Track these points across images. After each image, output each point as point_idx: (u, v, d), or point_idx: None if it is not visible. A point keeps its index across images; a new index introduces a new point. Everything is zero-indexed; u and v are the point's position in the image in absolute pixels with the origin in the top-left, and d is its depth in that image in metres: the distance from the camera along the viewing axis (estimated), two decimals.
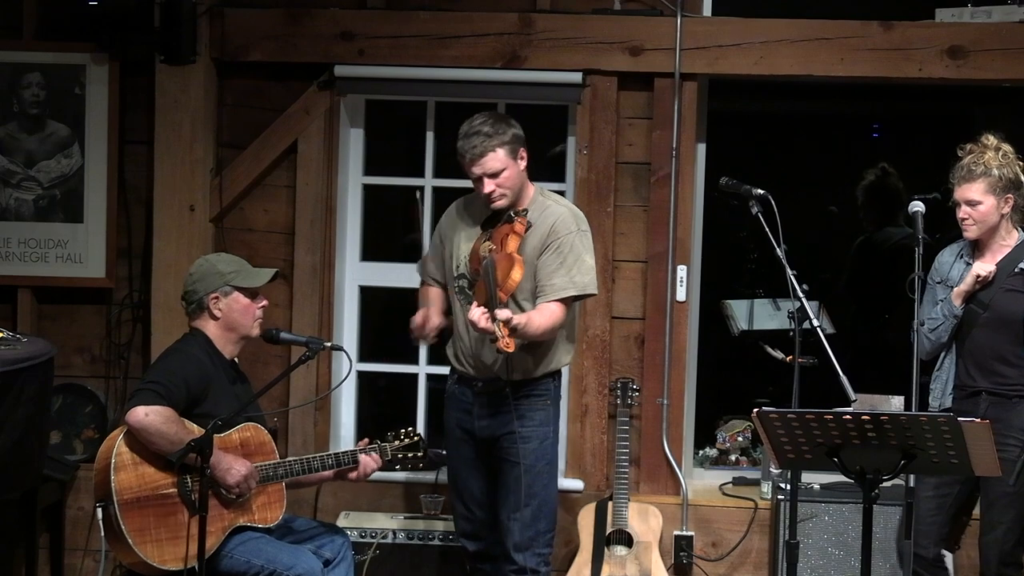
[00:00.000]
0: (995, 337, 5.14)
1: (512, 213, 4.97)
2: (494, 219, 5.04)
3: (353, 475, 5.11)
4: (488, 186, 4.95)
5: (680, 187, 5.94)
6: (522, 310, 4.94)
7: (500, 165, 4.94)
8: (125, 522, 4.69)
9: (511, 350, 4.68)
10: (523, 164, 5.03)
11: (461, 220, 5.19)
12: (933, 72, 5.82)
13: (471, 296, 5.02)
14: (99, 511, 4.74)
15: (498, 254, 4.84)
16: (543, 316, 4.90)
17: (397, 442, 5.16)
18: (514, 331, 4.67)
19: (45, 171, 6.14)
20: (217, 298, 4.99)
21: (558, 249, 4.98)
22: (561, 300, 4.97)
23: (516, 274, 4.82)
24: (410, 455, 5.15)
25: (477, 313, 4.70)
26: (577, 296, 5.05)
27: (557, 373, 5.17)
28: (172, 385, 4.77)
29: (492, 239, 4.95)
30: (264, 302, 5.09)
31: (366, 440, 5.18)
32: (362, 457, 5.07)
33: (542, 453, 5.10)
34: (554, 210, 5.07)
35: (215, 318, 5.00)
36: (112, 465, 4.71)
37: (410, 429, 5.19)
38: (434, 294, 5.28)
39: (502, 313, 4.66)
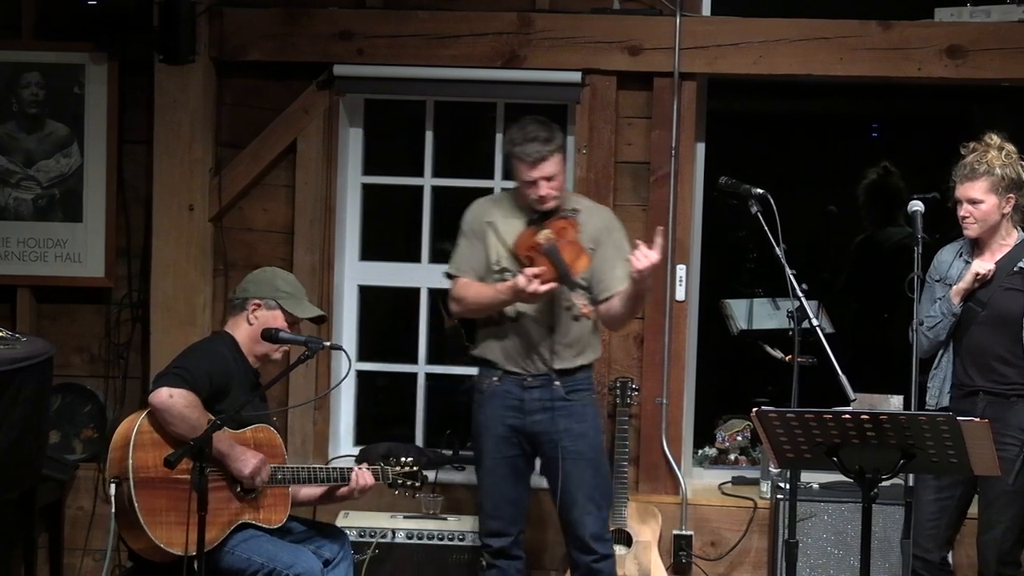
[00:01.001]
0: (993, 336, 5.14)
1: (571, 210, 5.21)
2: (539, 217, 5.19)
3: (344, 491, 5.15)
4: (544, 188, 5.14)
5: (679, 187, 5.94)
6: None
7: (556, 169, 5.16)
8: (138, 500, 4.70)
9: (592, 317, 5.17)
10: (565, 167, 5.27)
11: (493, 218, 5.29)
12: (932, 72, 5.82)
13: None
14: (112, 487, 4.77)
15: (560, 241, 5.08)
16: (621, 298, 5.16)
17: (399, 468, 5.22)
18: (595, 303, 5.09)
19: (44, 170, 6.14)
20: (259, 306, 5.04)
21: (615, 244, 5.25)
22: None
23: (585, 260, 5.10)
24: (408, 482, 5.22)
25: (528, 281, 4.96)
26: None
27: (591, 365, 5.36)
28: (197, 373, 4.81)
29: (549, 229, 5.13)
30: (298, 333, 5.09)
31: (365, 465, 5.23)
32: (354, 472, 5.10)
33: (596, 444, 5.33)
34: (595, 208, 5.38)
35: (249, 324, 5.04)
36: (132, 442, 4.73)
37: (411, 460, 5.25)
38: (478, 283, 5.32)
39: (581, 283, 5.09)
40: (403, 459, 5.25)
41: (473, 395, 5.39)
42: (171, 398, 4.72)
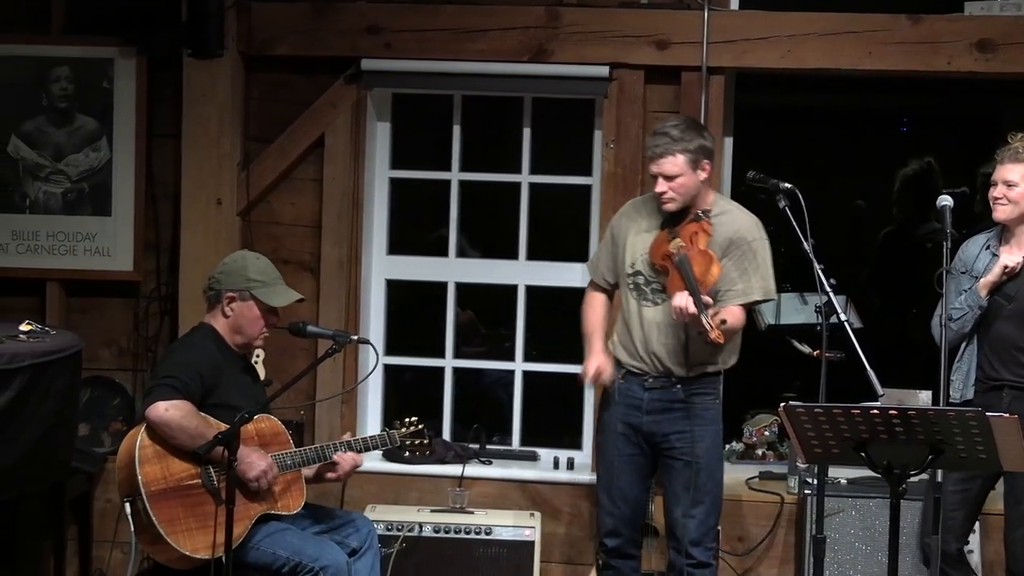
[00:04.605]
0: (1019, 329, 5.11)
1: (700, 212, 5.08)
2: (675, 219, 5.10)
3: (332, 475, 5.10)
4: (660, 186, 5.04)
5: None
6: None
7: (676, 170, 5.02)
8: (156, 514, 4.70)
9: (722, 342, 4.83)
10: (703, 176, 5.08)
11: (633, 219, 5.23)
12: (962, 66, 5.78)
13: (647, 293, 5.12)
14: (127, 506, 4.76)
15: (690, 251, 4.95)
16: (731, 316, 4.95)
17: (404, 429, 5.19)
18: (723, 323, 4.79)
19: (73, 165, 6.17)
20: (233, 298, 4.99)
21: (742, 255, 5.09)
22: (743, 304, 5.07)
23: (715, 270, 4.95)
24: (416, 442, 5.20)
25: (683, 299, 4.81)
26: (759, 301, 5.20)
27: (720, 372, 5.25)
28: (187, 378, 4.78)
29: (680, 236, 5.02)
30: (276, 320, 5.07)
31: (349, 434, 5.21)
32: (337, 457, 5.06)
33: (714, 450, 5.21)
34: (736, 216, 5.18)
35: (225, 316, 5.01)
36: (137, 459, 4.72)
37: (414, 419, 5.22)
38: (599, 301, 5.31)
39: (711, 307, 4.83)
40: (406, 419, 5.22)
41: (604, 391, 5.34)
42: (167, 412, 4.70)
